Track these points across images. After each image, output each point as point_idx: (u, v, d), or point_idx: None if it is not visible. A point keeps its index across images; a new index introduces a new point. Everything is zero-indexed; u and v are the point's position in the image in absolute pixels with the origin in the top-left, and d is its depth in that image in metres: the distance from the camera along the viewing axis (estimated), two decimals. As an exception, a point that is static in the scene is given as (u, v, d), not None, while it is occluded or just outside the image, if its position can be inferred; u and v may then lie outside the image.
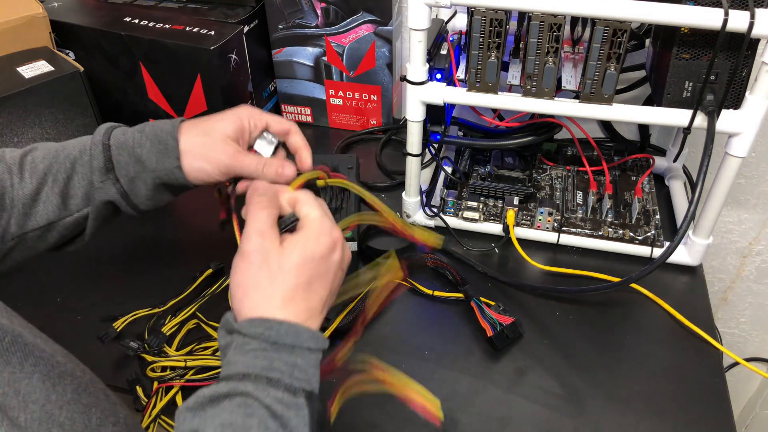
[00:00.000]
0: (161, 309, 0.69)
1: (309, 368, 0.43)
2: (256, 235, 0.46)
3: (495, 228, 0.80)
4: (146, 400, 0.61)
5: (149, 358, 0.64)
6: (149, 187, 0.56)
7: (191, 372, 0.63)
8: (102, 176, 0.55)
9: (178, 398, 0.62)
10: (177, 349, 0.66)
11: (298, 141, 0.59)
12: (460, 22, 0.82)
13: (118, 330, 0.66)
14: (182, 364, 0.63)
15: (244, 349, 0.42)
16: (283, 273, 0.45)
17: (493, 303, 0.69)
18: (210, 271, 0.73)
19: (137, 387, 0.62)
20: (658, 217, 0.80)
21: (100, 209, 0.56)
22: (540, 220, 0.79)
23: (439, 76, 0.70)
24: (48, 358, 0.37)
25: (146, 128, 0.57)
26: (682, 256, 0.76)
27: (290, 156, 0.60)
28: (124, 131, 0.57)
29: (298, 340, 0.43)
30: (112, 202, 0.56)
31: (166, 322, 0.68)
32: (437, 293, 0.73)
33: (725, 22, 0.56)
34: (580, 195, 0.84)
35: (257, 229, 0.47)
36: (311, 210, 0.49)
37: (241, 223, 0.51)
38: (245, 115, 0.57)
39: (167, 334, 0.67)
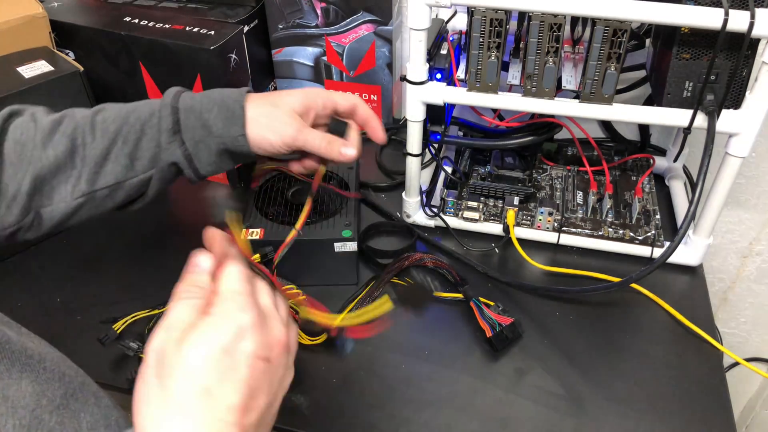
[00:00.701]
0: (161, 310, 0.69)
1: None
2: (162, 330, 0.36)
3: (495, 228, 0.80)
4: None
5: None
6: (213, 152, 0.57)
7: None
8: (170, 137, 0.56)
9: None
10: None
11: (366, 112, 0.61)
12: (460, 22, 0.82)
13: (118, 332, 0.66)
14: None
15: None
16: (173, 378, 0.34)
17: (492, 303, 0.69)
18: None
19: None
20: (658, 217, 0.80)
21: (164, 171, 0.57)
22: (540, 220, 0.79)
23: (439, 76, 0.70)
24: (36, 364, 0.36)
25: (214, 94, 0.58)
26: (682, 256, 0.76)
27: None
28: (192, 96, 0.58)
29: None
30: (176, 164, 0.57)
31: None
32: (437, 293, 0.73)
33: (725, 22, 0.56)
34: (580, 195, 0.84)
35: (165, 324, 0.36)
36: (226, 285, 0.39)
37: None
38: (313, 93, 0.59)
39: None
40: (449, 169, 0.85)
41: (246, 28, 0.88)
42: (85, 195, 0.55)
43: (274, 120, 0.56)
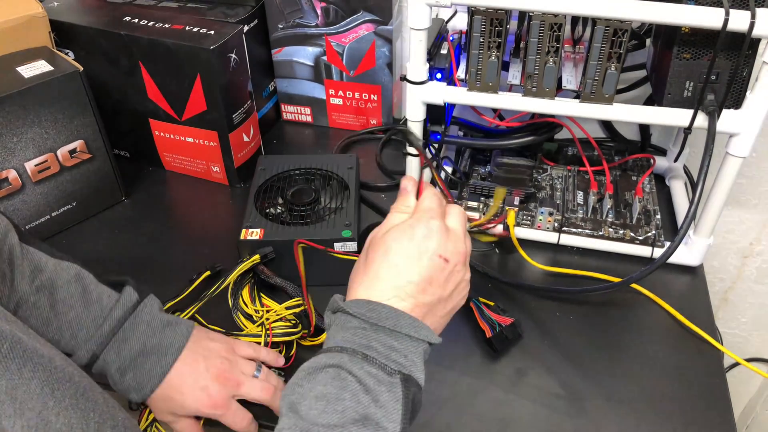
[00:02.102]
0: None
1: (409, 354, 0.44)
2: (377, 228, 0.52)
3: (495, 228, 0.80)
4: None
5: None
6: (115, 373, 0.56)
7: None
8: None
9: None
10: None
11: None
12: (461, 22, 0.82)
13: None
14: None
15: (345, 326, 0.44)
16: (410, 268, 0.47)
17: (492, 304, 0.69)
18: (208, 273, 0.72)
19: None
20: (658, 217, 0.80)
21: None
22: (540, 220, 0.79)
23: (439, 75, 0.70)
24: (46, 364, 0.37)
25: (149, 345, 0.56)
26: (682, 256, 0.76)
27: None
28: (119, 351, 0.55)
29: (397, 325, 0.44)
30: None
31: None
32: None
33: (726, 21, 0.56)
34: (580, 195, 0.84)
35: (380, 226, 0.51)
36: (424, 203, 0.52)
37: None
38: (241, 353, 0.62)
39: None
40: (449, 169, 0.85)
41: (246, 28, 0.88)
42: None
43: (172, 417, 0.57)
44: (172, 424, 0.57)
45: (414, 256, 0.47)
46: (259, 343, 0.63)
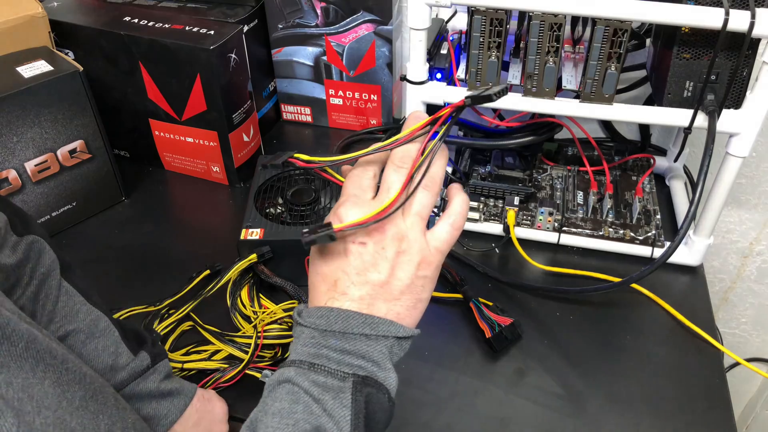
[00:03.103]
0: (157, 307, 0.69)
1: (366, 354, 0.41)
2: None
3: (495, 228, 0.80)
4: None
5: None
6: None
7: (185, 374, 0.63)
8: None
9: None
10: (170, 350, 0.66)
11: None
12: (460, 22, 0.82)
13: None
14: (179, 366, 0.63)
15: (299, 338, 0.43)
16: (330, 268, 0.43)
17: (491, 304, 0.69)
18: (207, 272, 0.72)
19: None
20: (658, 217, 0.80)
21: None
22: (540, 220, 0.79)
23: (439, 75, 0.70)
24: (58, 365, 0.37)
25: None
26: (682, 256, 0.76)
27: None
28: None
29: (347, 327, 0.41)
30: None
31: (160, 320, 0.68)
32: (435, 294, 0.73)
33: (726, 21, 0.56)
34: (580, 195, 0.84)
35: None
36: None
37: None
38: None
39: (161, 333, 0.66)
40: (449, 169, 0.85)
41: (246, 28, 0.88)
42: None
43: None
44: None
45: (333, 255, 0.43)
46: (249, 344, 0.64)
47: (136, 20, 0.85)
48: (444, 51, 0.72)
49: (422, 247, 0.43)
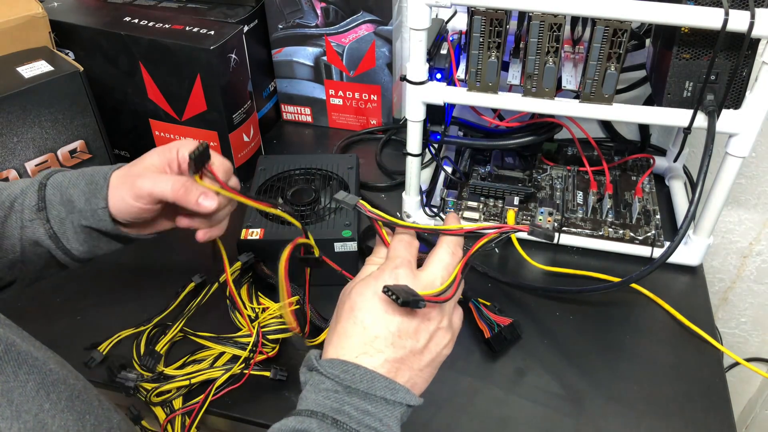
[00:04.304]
0: (146, 327, 0.67)
1: (384, 418, 0.41)
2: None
3: (495, 228, 0.80)
4: None
5: (149, 386, 0.61)
6: (77, 230, 0.54)
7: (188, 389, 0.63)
8: (32, 215, 0.53)
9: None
10: (166, 365, 0.64)
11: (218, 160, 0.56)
12: (460, 22, 0.82)
13: (104, 353, 0.65)
14: (186, 383, 0.62)
15: (318, 388, 0.42)
16: (376, 322, 0.44)
17: (489, 303, 0.69)
18: (192, 285, 0.71)
19: (142, 422, 0.61)
20: (658, 217, 0.80)
21: (30, 252, 0.54)
22: (540, 220, 0.79)
23: (439, 75, 0.70)
24: (41, 366, 0.37)
25: (87, 170, 0.55)
26: (682, 256, 0.76)
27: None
28: (65, 174, 0.55)
29: (372, 388, 0.41)
30: (43, 246, 0.54)
31: (155, 339, 0.66)
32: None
33: (725, 22, 0.56)
34: (580, 195, 0.84)
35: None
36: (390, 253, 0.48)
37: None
38: (174, 146, 0.55)
39: (161, 352, 0.65)
40: (449, 169, 0.85)
41: (246, 28, 0.88)
42: None
43: (130, 177, 0.53)
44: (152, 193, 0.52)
45: (379, 309, 0.44)
46: (249, 342, 0.63)
47: (136, 20, 0.85)
48: (444, 51, 0.72)
49: (455, 330, 0.48)
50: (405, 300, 0.42)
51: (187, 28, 0.82)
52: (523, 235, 0.78)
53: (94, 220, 0.53)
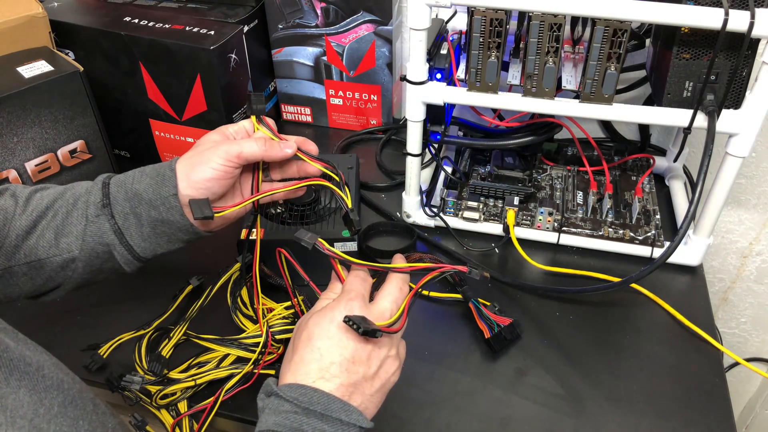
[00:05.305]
0: (147, 331, 0.67)
1: None
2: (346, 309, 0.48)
3: (495, 228, 0.80)
4: None
5: (154, 388, 0.61)
6: (143, 224, 0.55)
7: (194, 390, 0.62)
8: (97, 210, 0.55)
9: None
10: (170, 369, 0.64)
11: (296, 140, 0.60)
12: (460, 22, 0.82)
13: (104, 356, 0.65)
14: (192, 383, 0.61)
15: (277, 410, 0.45)
16: (331, 350, 0.47)
17: (488, 303, 0.69)
18: (190, 287, 0.71)
19: (147, 428, 0.60)
20: (658, 217, 0.80)
21: (90, 250, 0.55)
22: (540, 220, 0.79)
23: (439, 75, 0.70)
24: (34, 372, 0.36)
25: (147, 168, 0.57)
26: (682, 256, 0.76)
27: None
28: (125, 174, 0.58)
29: (328, 409, 0.44)
30: (104, 244, 0.55)
31: (158, 343, 0.66)
32: (433, 294, 0.73)
33: (725, 22, 0.56)
34: (580, 195, 0.84)
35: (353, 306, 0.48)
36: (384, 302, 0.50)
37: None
38: (222, 127, 0.59)
39: (166, 356, 0.65)
40: (449, 169, 0.85)
41: (246, 28, 0.88)
42: (1, 270, 0.54)
43: (200, 157, 0.55)
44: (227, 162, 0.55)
45: (335, 337, 0.47)
46: (258, 343, 0.63)
47: (136, 20, 0.85)
48: (444, 51, 0.72)
49: (401, 360, 0.51)
50: (365, 329, 0.45)
51: (187, 28, 0.82)
52: (523, 235, 0.79)
53: (164, 209, 0.55)
